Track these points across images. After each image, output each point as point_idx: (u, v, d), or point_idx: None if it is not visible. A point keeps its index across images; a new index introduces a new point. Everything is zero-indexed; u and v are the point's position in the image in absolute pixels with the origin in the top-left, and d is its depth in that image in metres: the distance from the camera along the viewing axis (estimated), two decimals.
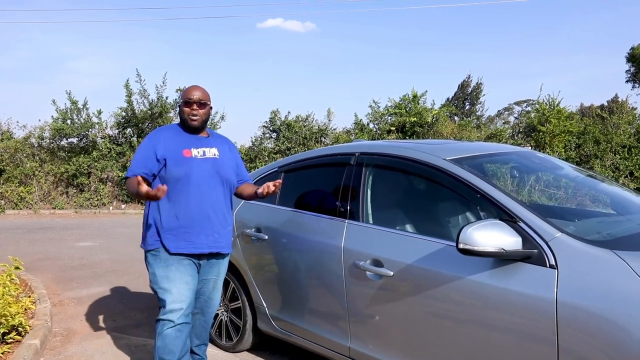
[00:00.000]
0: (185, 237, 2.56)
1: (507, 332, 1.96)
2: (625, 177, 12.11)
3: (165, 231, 2.56)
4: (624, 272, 1.72)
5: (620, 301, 1.68)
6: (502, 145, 3.07)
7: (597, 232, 2.19)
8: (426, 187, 2.72)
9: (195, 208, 2.57)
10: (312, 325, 2.81)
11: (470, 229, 1.92)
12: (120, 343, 3.64)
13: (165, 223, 2.56)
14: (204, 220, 2.58)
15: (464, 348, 2.10)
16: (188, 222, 2.56)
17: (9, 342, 3.36)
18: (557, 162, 2.99)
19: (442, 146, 2.76)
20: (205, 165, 2.61)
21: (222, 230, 2.68)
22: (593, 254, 1.83)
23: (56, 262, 6.38)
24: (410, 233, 2.46)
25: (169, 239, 2.56)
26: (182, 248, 2.56)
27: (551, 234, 1.94)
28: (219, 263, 2.78)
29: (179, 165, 2.55)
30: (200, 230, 2.58)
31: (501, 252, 1.92)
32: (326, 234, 2.72)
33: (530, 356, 1.89)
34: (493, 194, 2.15)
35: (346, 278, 2.56)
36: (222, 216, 2.67)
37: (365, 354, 2.51)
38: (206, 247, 2.62)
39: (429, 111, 13.82)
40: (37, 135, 13.17)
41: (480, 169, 2.43)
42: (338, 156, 2.97)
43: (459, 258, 2.09)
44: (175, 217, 2.56)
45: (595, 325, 1.71)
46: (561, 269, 1.85)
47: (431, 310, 2.21)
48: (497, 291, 1.99)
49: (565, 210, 2.93)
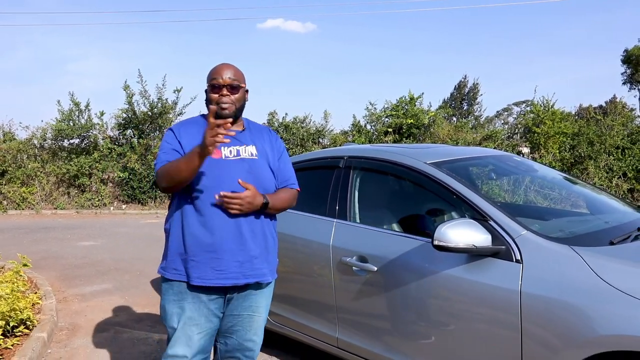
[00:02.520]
0: (213, 264, 1.98)
1: (479, 321, 2.15)
2: (619, 178, 12.30)
3: (189, 256, 2.01)
4: (579, 266, 1.91)
5: (575, 291, 1.87)
6: (482, 149, 3.27)
7: (560, 230, 2.38)
8: (408, 189, 2.92)
9: (226, 226, 1.99)
10: (303, 318, 3.00)
11: (444, 227, 2.11)
12: (123, 337, 3.84)
13: (189, 245, 2.00)
14: (237, 241, 2.00)
15: (441, 336, 2.29)
16: (217, 245, 1.98)
17: (18, 335, 3.55)
18: (533, 164, 3.18)
19: (425, 150, 2.95)
20: (239, 169, 2.02)
21: (262, 253, 2.08)
22: (553, 249, 2.02)
23: (59, 261, 6.57)
24: (393, 231, 2.65)
25: (191, 266, 2.00)
26: (207, 279, 1.99)
27: (518, 232, 2.13)
28: (257, 295, 2.13)
29: (205, 170, 1.97)
30: (232, 256, 1.99)
31: (472, 248, 2.10)
32: (316, 232, 2.91)
33: (499, 341, 2.08)
34: (467, 195, 2.34)
35: (334, 274, 2.75)
36: (262, 235, 2.07)
37: (352, 343, 2.70)
38: (241, 276, 2.02)
39: (426, 113, 14.00)
40: (40, 136, 13.36)
41: (459, 171, 2.61)
42: (328, 159, 3.16)
43: (436, 254, 2.28)
44: (200, 238, 1.99)
45: (553, 313, 1.90)
46: (525, 264, 2.05)
47: (411, 302, 2.40)
48: (469, 284, 2.18)
49: (540, 210, 3.13)
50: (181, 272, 2.03)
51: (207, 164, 1.94)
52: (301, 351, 3.37)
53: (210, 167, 1.98)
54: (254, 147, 2.11)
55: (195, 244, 1.99)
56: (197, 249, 1.99)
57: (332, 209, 2.90)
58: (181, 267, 2.03)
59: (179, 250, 2.03)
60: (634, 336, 1.68)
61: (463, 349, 2.20)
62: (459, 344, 2.22)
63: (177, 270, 2.04)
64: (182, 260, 2.03)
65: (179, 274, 2.04)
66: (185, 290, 2.04)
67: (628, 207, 2.88)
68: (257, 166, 2.08)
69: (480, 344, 2.14)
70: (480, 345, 2.14)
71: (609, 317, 1.75)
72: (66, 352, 3.57)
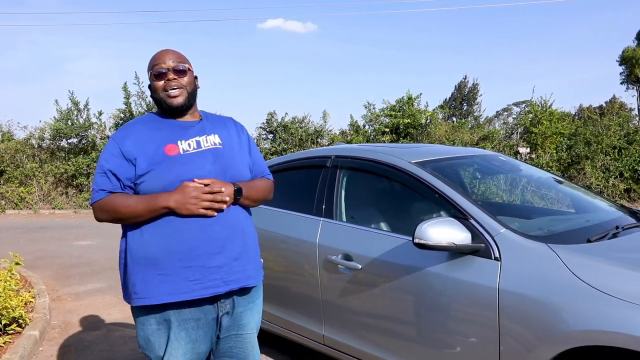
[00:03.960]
0: (186, 274, 1.69)
1: (459, 317, 2.18)
2: (615, 178, 12.34)
3: (153, 270, 1.70)
4: (555, 263, 1.94)
5: (550, 288, 1.90)
6: (468, 149, 3.30)
7: (539, 228, 2.41)
8: (393, 188, 2.95)
9: (196, 228, 1.71)
10: (290, 315, 3.03)
11: (425, 225, 2.14)
12: (115, 334, 3.87)
13: (154, 258, 1.70)
14: (212, 244, 1.73)
15: (423, 332, 2.32)
16: (188, 252, 1.70)
17: (10, 333, 3.58)
18: (519, 164, 3.21)
19: (411, 150, 2.98)
20: (202, 162, 1.77)
21: (242, 253, 1.80)
22: (530, 247, 2.05)
23: (55, 260, 6.60)
24: (378, 230, 2.68)
25: (157, 282, 1.69)
26: (183, 292, 1.69)
27: (497, 230, 2.16)
28: (251, 306, 1.90)
29: (162, 170, 1.72)
30: (208, 260, 1.72)
31: (452, 246, 2.13)
32: (303, 231, 2.94)
33: (478, 338, 2.11)
34: (448, 194, 2.37)
35: (321, 272, 2.78)
36: (241, 231, 1.81)
37: (338, 340, 2.73)
38: (222, 283, 1.74)
39: (423, 113, 14.03)
40: (38, 136, 13.41)
41: (442, 171, 2.64)
42: (316, 159, 3.19)
43: (418, 252, 2.31)
44: (165, 246, 1.70)
45: (529, 309, 1.93)
46: (503, 261, 2.08)
47: (393, 299, 2.43)
48: (450, 281, 2.21)
49: (526, 208, 3.16)
50: (142, 294, 1.72)
51: (164, 162, 1.73)
52: (289, 349, 3.40)
53: (169, 165, 1.73)
54: (216, 135, 1.86)
55: (161, 255, 1.70)
56: (163, 260, 1.69)
57: (319, 208, 2.93)
58: (141, 288, 1.72)
59: (140, 268, 1.72)
60: (605, 331, 1.71)
61: (444, 344, 2.23)
62: (440, 340, 2.25)
63: (137, 294, 1.72)
64: (142, 279, 1.71)
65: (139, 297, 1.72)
66: (161, 313, 1.74)
67: (613, 206, 2.91)
68: (223, 155, 1.83)
69: (460, 340, 2.17)
70: (461, 341, 2.17)
71: (582, 313, 1.78)
72: (58, 350, 3.60)
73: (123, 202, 1.72)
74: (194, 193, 1.69)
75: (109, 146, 1.80)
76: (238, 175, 1.84)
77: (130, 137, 1.79)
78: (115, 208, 1.73)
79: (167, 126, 1.83)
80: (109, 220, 1.77)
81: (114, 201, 1.73)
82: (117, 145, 1.78)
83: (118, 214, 1.73)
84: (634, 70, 26.12)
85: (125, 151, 1.75)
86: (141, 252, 1.73)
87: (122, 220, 1.76)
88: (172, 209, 1.69)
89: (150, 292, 1.71)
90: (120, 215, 1.73)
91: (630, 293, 1.73)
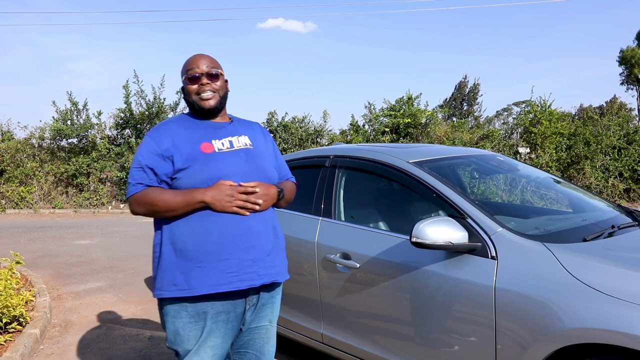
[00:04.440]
0: (223, 266, 1.75)
1: (455, 316, 2.20)
2: (615, 178, 12.36)
3: (192, 262, 1.74)
4: (550, 261, 1.96)
5: (545, 286, 1.92)
6: (466, 149, 3.32)
7: (536, 228, 2.43)
8: (391, 187, 2.97)
9: (232, 223, 1.77)
10: (290, 314, 3.05)
11: (422, 225, 2.16)
12: (115, 333, 3.89)
13: (191, 251, 1.75)
14: (247, 238, 1.79)
15: (421, 331, 2.34)
16: (224, 244, 1.75)
17: (11, 331, 3.60)
18: (517, 164, 3.23)
19: (409, 150, 2.99)
20: (237, 160, 1.85)
21: (274, 248, 1.89)
22: (527, 246, 2.07)
23: (55, 259, 6.62)
24: (375, 229, 2.70)
25: (197, 274, 1.74)
26: (220, 284, 1.74)
27: (493, 229, 2.18)
28: (272, 300, 1.96)
29: (198, 166, 1.79)
30: (244, 254, 1.78)
31: (449, 245, 2.15)
32: (302, 230, 2.96)
33: (474, 336, 2.12)
34: (445, 193, 2.39)
35: (319, 270, 2.80)
36: (272, 228, 1.89)
37: (336, 339, 2.75)
38: (256, 276, 1.80)
39: (423, 112, 14.05)
40: (38, 136, 13.43)
41: (440, 170, 2.66)
42: (315, 159, 3.21)
43: (416, 251, 2.33)
44: (203, 238, 1.75)
45: (524, 307, 1.95)
46: (500, 260, 2.09)
47: (391, 298, 2.45)
48: (447, 280, 2.22)
49: (524, 208, 3.17)
50: (183, 286, 1.74)
51: (201, 159, 1.80)
52: (288, 347, 3.42)
53: (205, 162, 1.80)
54: (246, 137, 1.95)
55: (198, 247, 1.74)
56: (201, 252, 1.74)
57: (317, 207, 2.95)
58: (182, 280, 1.74)
59: (178, 260, 1.75)
60: (599, 329, 1.72)
61: (441, 343, 2.25)
62: (437, 339, 2.27)
63: (177, 285, 1.75)
64: (182, 272, 1.74)
65: (180, 289, 1.75)
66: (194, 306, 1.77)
67: (610, 206, 2.93)
68: (255, 155, 1.91)
69: (457, 338, 2.19)
70: (458, 339, 2.19)
71: (577, 311, 1.80)
72: (58, 348, 3.62)
73: (160, 196, 1.77)
74: (229, 191, 1.76)
75: (145, 143, 1.85)
76: (269, 175, 1.92)
77: (166, 135, 1.84)
78: (152, 201, 1.77)
79: (200, 126, 1.90)
80: (145, 213, 1.80)
81: (151, 194, 1.78)
82: (153, 142, 1.84)
83: (154, 206, 1.77)
84: (633, 71, 26.14)
85: (162, 148, 1.81)
86: (179, 244, 1.77)
87: (157, 214, 1.79)
88: (207, 203, 1.74)
89: (191, 283, 1.74)
90: (156, 208, 1.77)
91: (624, 291, 1.74)
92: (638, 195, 12.33)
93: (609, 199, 9.72)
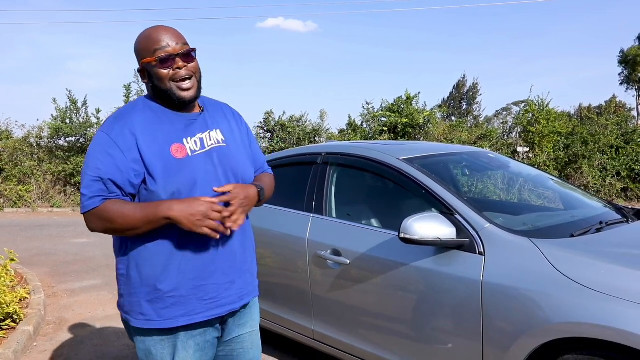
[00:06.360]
0: (200, 293, 1.53)
1: (444, 311, 2.21)
2: (613, 177, 12.36)
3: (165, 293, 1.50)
4: (536, 256, 1.97)
5: (531, 281, 1.93)
6: (457, 146, 3.33)
7: (523, 224, 2.44)
8: (382, 184, 2.98)
9: (208, 240, 1.53)
10: (281, 311, 3.06)
11: (410, 221, 2.17)
12: (108, 330, 3.90)
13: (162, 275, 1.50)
14: (225, 256, 1.57)
15: (410, 326, 2.35)
16: (201, 267, 1.53)
17: (4, 328, 3.61)
18: (508, 161, 3.23)
19: (400, 147, 3.01)
20: (208, 164, 1.55)
21: (251, 261, 1.70)
22: (513, 241, 2.08)
23: (52, 258, 6.63)
24: (366, 225, 2.71)
25: (172, 303, 1.50)
26: (198, 313, 1.53)
27: (481, 225, 2.19)
28: (250, 310, 1.75)
29: (168, 175, 1.47)
30: (222, 275, 1.56)
31: (437, 241, 2.16)
32: (294, 227, 2.97)
33: (462, 331, 2.14)
34: (434, 189, 2.40)
35: (310, 267, 2.81)
36: (249, 241, 1.70)
37: (327, 335, 2.75)
38: (237, 299, 1.62)
39: (421, 112, 14.06)
40: (36, 134, 13.43)
41: (430, 167, 2.67)
42: (307, 156, 3.22)
43: (405, 247, 2.34)
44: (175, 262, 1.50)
45: (511, 302, 1.96)
46: (487, 255, 2.10)
47: (381, 294, 2.46)
48: (436, 275, 2.23)
49: (515, 205, 3.18)
50: (152, 317, 1.51)
51: (171, 165, 1.47)
52: (279, 344, 3.43)
53: (178, 170, 1.48)
54: (218, 131, 1.62)
55: (171, 272, 1.49)
56: (174, 277, 1.49)
57: (309, 204, 2.96)
58: (151, 310, 1.51)
59: (149, 286, 1.50)
60: (582, 323, 1.73)
61: (430, 337, 2.26)
62: (426, 333, 2.28)
63: (146, 315, 1.52)
64: (149, 300, 1.50)
65: (150, 320, 1.52)
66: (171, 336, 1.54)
67: (600, 203, 2.94)
68: (228, 154, 1.60)
69: (445, 333, 2.20)
70: (446, 333, 2.20)
71: (561, 305, 1.81)
72: (52, 344, 3.63)
73: (120, 211, 1.44)
74: (203, 208, 1.44)
75: (102, 142, 1.47)
76: (243, 176, 1.63)
77: (129, 133, 1.48)
78: (110, 217, 1.45)
79: (169, 120, 1.54)
80: (104, 230, 1.50)
81: (110, 209, 1.45)
82: (113, 142, 1.46)
83: (113, 223, 1.45)
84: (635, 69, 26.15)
85: (124, 150, 1.46)
86: (147, 268, 1.50)
87: (116, 232, 1.49)
88: (173, 220, 1.43)
89: (161, 314, 1.50)
90: (115, 225, 1.46)
91: (608, 286, 1.75)
92: (635, 195, 12.34)
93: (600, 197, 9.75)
